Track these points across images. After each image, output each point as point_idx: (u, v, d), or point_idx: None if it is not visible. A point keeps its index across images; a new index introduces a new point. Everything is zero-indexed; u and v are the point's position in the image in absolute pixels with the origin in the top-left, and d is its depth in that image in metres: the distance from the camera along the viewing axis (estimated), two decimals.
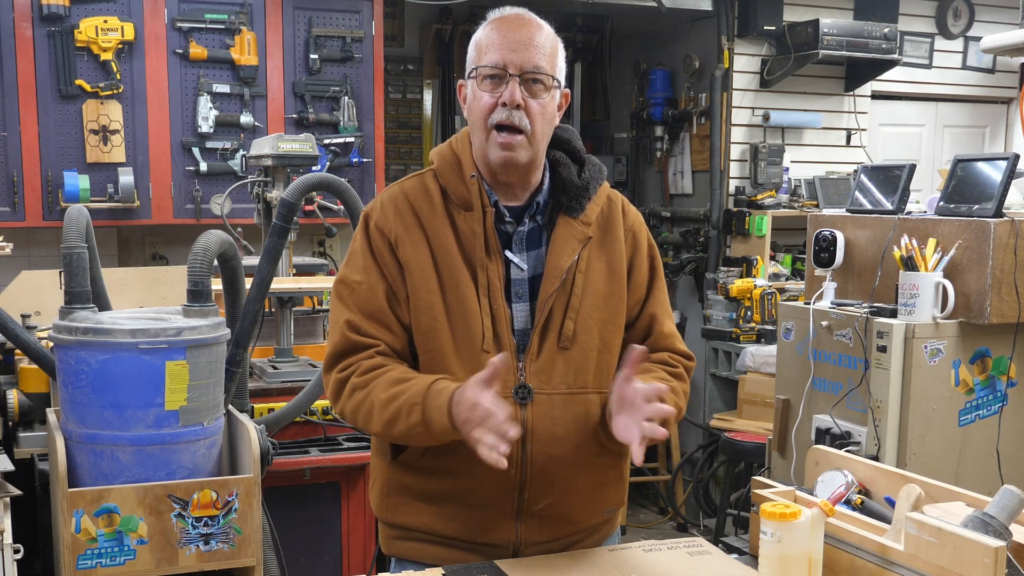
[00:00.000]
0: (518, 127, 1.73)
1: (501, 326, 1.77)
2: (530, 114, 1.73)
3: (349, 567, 3.43)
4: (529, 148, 1.76)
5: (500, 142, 1.74)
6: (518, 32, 1.75)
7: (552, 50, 1.77)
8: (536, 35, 1.75)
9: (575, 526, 1.87)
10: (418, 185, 1.84)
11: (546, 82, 1.75)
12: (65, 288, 2.46)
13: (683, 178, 6.07)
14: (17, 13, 4.47)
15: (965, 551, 1.44)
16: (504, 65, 1.73)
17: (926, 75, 6.13)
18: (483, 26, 1.80)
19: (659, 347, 1.91)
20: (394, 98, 6.13)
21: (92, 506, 2.27)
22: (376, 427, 1.73)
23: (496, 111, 1.73)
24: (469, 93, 1.80)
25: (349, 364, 1.76)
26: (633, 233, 1.90)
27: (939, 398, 2.96)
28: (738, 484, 4.65)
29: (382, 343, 1.77)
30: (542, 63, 1.74)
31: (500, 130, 1.74)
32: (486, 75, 1.75)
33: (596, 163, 1.90)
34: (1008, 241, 2.88)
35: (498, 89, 1.74)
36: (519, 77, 1.73)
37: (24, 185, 4.55)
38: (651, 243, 1.94)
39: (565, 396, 1.79)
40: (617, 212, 1.89)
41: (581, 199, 1.84)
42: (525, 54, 1.73)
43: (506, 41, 1.74)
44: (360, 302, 1.78)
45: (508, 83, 1.73)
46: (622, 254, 1.87)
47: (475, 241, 1.78)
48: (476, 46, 1.79)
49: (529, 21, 1.78)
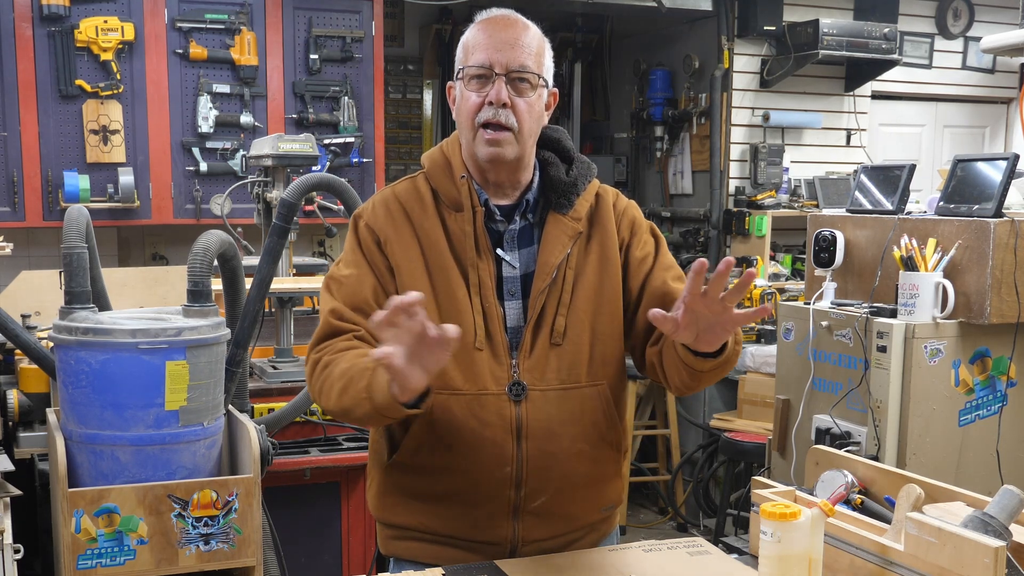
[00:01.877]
0: (505, 125, 1.74)
1: (493, 324, 1.77)
2: (517, 112, 1.75)
3: (349, 567, 3.43)
4: (516, 145, 1.77)
5: (487, 138, 1.75)
6: (504, 32, 1.76)
7: (539, 49, 1.79)
8: (522, 35, 1.77)
9: (573, 523, 1.87)
10: (409, 188, 1.86)
11: (532, 81, 1.76)
12: (65, 288, 2.46)
13: (683, 178, 6.07)
14: (17, 13, 4.47)
15: (965, 551, 1.44)
16: (490, 64, 1.74)
17: (926, 75, 6.13)
18: (471, 27, 1.81)
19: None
20: (394, 98, 6.14)
21: (92, 506, 2.27)
22: (332, 399, 1.70)
23: (483, 110, 1.75)
24: (457, 94, 1.81)
25: (326, 346, 1.77)
26: (629, 217, 1.90)
27: (939, 398, 2.96)
28: (738, 484, 4.65)
29: (363, 330, 1.77)
30: (528, 62, 1.75)
31: (487, 128, 1.75)
32: (473, 75, 1.76)
33: (585, 161, 1.91)
34: (1008, 241, 2.88)
35: (484, 88, 1.75)
36: (505, 76, 1.74)
37: (24, 185, 4.55)
38: (649, 222, 1.94)
39: (559, 392, 1.80)
40: (608, 205, 1.89)
41: (570, 195, 1.85)
42: (511, 53, 1.74)
43: (492, 41, 1.75)
44: (346, 294, 1.80)
45: (494, 82, 1.74)
46: (614, 239, 1.87)
47: (466, 241, 1.79)
48: (463, 47, 1.80)
49: (515, 21, 1.79)
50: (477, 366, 1.76)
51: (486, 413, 1.76)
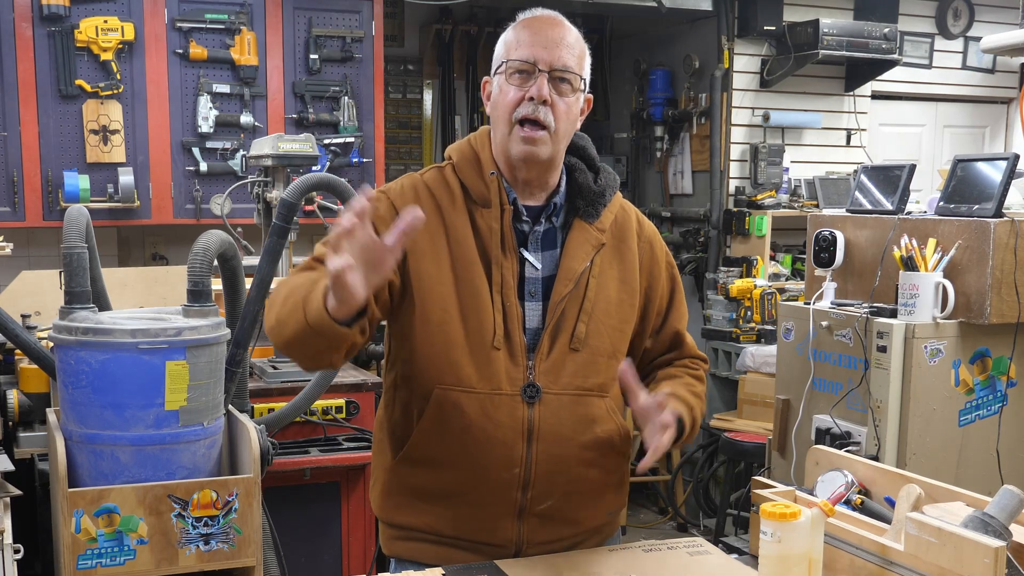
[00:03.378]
0: (543, 123, 1.73)
1: (513, 323, 1.76)
2: (556, 112, 1.74)
3: (349, 567, 3.43)
4: (550, 145, 1.76)
5: (523, 136, 1.74)
6: (550, 31, 1.76)
7: (581, 53, 1.79)
8: (567, 35, 1.77)
9: (578, 527, 1.87)
10: (438, 177, 1.84)
11: (574, 83, 1.76)
12: (65, 288, 2.46)
13: (683, 178, 6.07)
14: (17, 13, 4.47)
15: (965, 551, 1.44)
16: (535, 60, 1.73)
17: (926, 75, 6.13)
18: (512, 25, 1.80)
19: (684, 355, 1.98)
20: (394, 98, 6.13)
21: (92, 506, 2.27)
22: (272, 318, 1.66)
23: (522, 105, 1.73)
24: (495, 88, 1.79)
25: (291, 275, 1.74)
26: (650, 245, 1.92)
27: (939, 398, 2.96)
28: (738, 484, 4.65)
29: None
30: (571, 63, 1.75)
31: (524, 124, 1.74)
32: (515, 69, 1.75)
33: (610, 171, 1.91)
34: (1008, 241, 2.88)
35: (526, 84, 1.74)
36: (548, 74, 1.73)
37: (24, 185, 4.55)
38: (669, 255, 1.97)
39: (573, 397, 1.79)
40: (631, 223, 1.90)
41: (597, 205, 1.85)
42: (556, 52, 1.74)
43: (538, 38, 1.75)
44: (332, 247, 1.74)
45: (537, 78, 1.73)
46: (635, 265, 1.88)
47: (492, 238, 1.77)
48: (505, 43, 1.79)
49: (561, 22, 1.79)
50: (493, 365, 1.75)
51: (498, 413, 1.75)
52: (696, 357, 1.99)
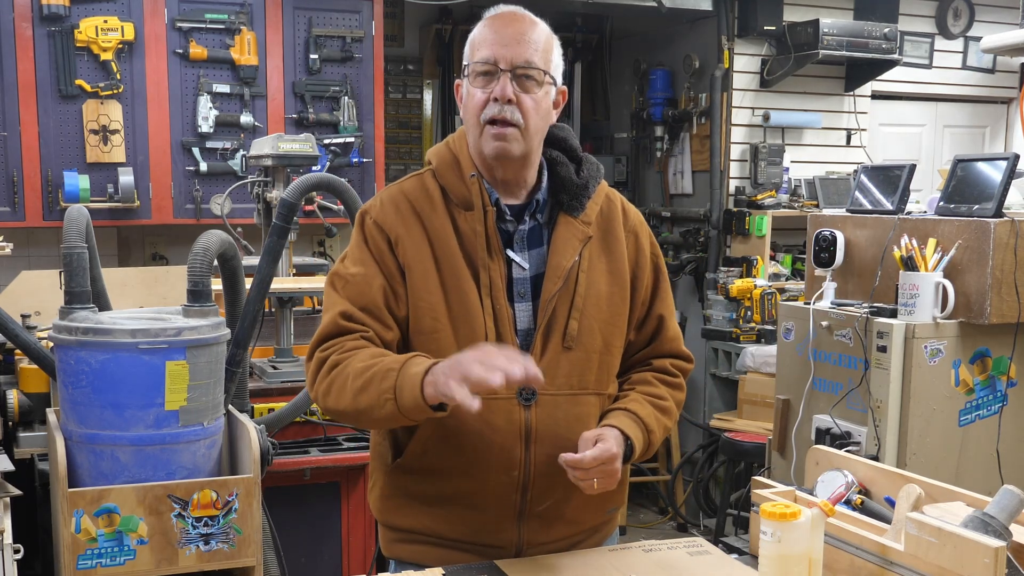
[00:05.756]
0: (510, 121, 1.72)
1: (504, 326, 1.76)
2: (523, 109, 1.73)
3: (349, 567, 3.43)
4: (522, 142, 1.75)
5: (493, 133, 1.73)
6: (509, 28, 1.74)
7: (546, 46, 1.76)
8: (528, 31, 1.75)
9: (577, 527, 1.87)
10: (417, 185, 1.83)
11: (538, 77, 1.74)
12: (65, 288, 2.46)
13: (683, 178, 6.07)
14: (17, 13, 4.47)
15: (965, 551, 1.44)
16: (495, 60, 1.72)
17: (926, 75, 6.13)
18: (479, 24, 1.79)
19: (664, 351, 1.94)
20: (394, 98, 6.13)
21: (92, 506, 2.27)
22: (346, 399, 1.68)
23: (488, 106, 1.73)
24: (464, 91, 1.79)
25: (332, 344, 1.73)
26: (635, 235, 1.90)
27: (939, 398, 2.96)
28: (738, 484, 4.65)
29: (372, 332, 1.74)
30: (534, 58, 1.73)
31: (492, 124, 1.73)
32: (478, 71, 1.75)
33: (593, 161, 1.89)
34: (1008, 241, 2.88)
35: (490, 85, 1.73)
36: (511, 72, 1.72)
37: (24, 185, 4.55)
38: (653, 243, 1.94)
39: (568, 397, 1.79)
40: (617, 212, 1.89)
41: (581, 198, 1.83)
42: (516, 49, 1.72)
43: (498, 37, 1.74)
44: (353, 294, 1.76)
45: (499, 78, 1.72)
46: (624, 256, 1.86)
47: (476, 241, 1.76)
48: (470, 44, 1.79)
49: (522, 17, 1.77)
50: None
51: (495, 417, 1.74)
52: (679, 356, 1.95)
